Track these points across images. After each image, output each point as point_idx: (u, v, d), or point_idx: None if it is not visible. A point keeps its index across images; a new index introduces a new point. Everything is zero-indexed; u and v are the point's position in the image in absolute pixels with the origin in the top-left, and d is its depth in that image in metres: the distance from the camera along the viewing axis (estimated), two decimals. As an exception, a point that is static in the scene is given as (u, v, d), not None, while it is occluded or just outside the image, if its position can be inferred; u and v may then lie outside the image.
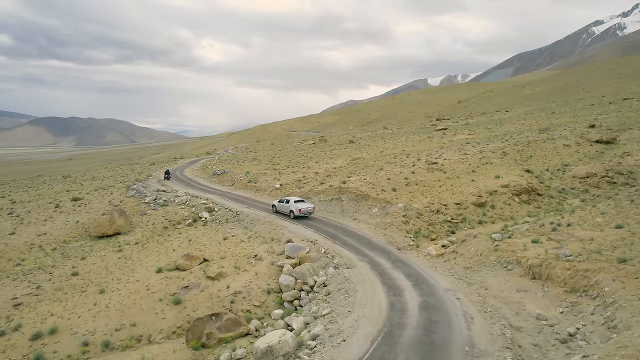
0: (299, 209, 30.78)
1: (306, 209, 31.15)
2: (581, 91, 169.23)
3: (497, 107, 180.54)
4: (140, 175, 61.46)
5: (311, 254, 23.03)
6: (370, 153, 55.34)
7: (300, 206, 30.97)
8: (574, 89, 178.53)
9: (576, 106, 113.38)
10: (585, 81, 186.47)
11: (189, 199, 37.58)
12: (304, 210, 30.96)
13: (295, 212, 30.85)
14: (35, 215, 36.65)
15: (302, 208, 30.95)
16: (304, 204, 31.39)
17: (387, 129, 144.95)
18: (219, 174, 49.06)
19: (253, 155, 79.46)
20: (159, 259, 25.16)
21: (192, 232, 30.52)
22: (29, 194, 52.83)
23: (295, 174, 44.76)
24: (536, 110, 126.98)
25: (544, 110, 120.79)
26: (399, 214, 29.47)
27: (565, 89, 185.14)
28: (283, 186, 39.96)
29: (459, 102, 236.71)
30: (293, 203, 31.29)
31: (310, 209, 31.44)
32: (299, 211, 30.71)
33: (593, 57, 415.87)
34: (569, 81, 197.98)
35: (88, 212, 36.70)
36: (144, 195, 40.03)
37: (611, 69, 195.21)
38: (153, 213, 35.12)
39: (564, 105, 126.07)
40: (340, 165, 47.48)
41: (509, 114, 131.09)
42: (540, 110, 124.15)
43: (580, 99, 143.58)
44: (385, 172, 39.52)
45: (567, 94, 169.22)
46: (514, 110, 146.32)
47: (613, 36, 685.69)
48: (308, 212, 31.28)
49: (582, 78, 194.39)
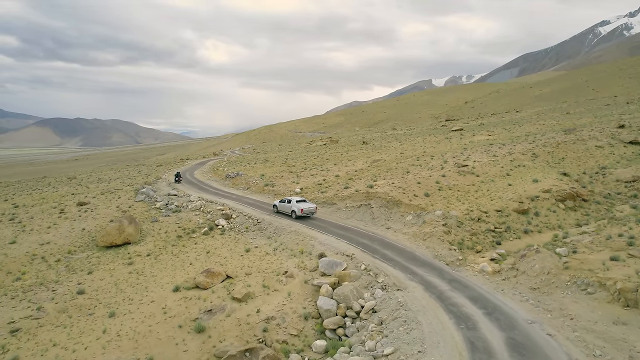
0: (301, 209, 29.78)
1: (308, 209, 30.17)
2: (591, 91, 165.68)
3: (506, 107, 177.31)
4: (148, 177, 58.55)
5: (350, 271, 19.94)
6: (389, 155, 52.24)
7: (302, 206, 29.95)
8: (583, 89, 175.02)
9: (591, 106, 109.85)
10: (595, 81, 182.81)
11: (204, 204, 34.50)
12: (306, 210, 29.96)
13: (297, 212, 29.84)
14: (39, 222, 33.72)
15: (305, 208, 29.93)
16: (306, 204, 30.40)
17: (395, 129, 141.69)
18: (232, 176, 46.02)
19: (264, 157, 76.45)
20: (175, 275, 22.16)
21: (210, 242, 27.48)
22: (32, 197, 50.00)
23: (315, 177, 41.69)
24: (547, 110, 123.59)
25: (555, 110, 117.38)
26: (439, 222, 26.38)
27: (574, 89, 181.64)
28: (303, 190, 36.91)
29: (465, 102, 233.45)
30: (295, 203, 30.32)
31: (312, 209, 30.46)
32: (301, 211, 29.73)
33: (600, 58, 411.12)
34: (578, 81, 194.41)
35: (95, 219, 33.74)
36: (155, 199, 37.02)
37: (621, 69, 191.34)
38: (165, 220, 32.10)
39: (576, 105, 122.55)
40: (360, 167, 44.39)
41: (519, 114, 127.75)
42: (552, 110, 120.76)
43: (591, 99, 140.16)
44: (413, 175, 36.44)
45: (577, 95, 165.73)
46: (524, 110, 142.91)
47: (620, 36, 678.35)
48: (310, 212, 30.31)
49: (591, 78, 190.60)
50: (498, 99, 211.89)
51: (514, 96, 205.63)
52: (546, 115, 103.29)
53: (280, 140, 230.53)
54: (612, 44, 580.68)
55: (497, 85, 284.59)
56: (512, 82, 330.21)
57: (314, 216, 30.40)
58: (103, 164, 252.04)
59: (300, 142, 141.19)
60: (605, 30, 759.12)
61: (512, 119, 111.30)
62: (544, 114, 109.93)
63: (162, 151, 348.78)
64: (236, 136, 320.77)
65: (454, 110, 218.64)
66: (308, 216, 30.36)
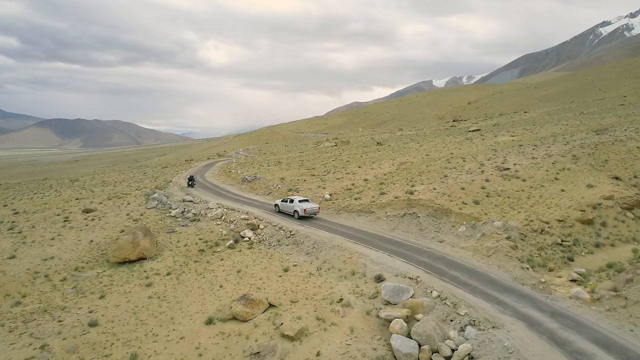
0: (304, 209, 29.14)
1: (311, 209, 29.52)
2: (597, 91, 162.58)
3: (512, 108, 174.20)
4: (156, 180, 54.77)
5: (422, 300, 16.25)
6: (414, 156, 48.56)
7: (305, 206, 29.31)
8: (589, 89, 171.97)
9: (603, 106, 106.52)
10: (601, 82, 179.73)
11: (225, 212, 30.69)
12: (309, 210, 29.31)
13: (300, 212, 29.26)
14: (41, 232, 29.94)
15: (307, 208, 29.28)
16: (308, 204, 29.78)
17: (402, 130, 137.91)
18: (249, 180, 42.21)
19: (274, 158, 72.67)
20: (204, 301, 18.46)
21: (238, 258, 23.76)
22: (33, 202, 46.20)
23: (341, 181, 38.00)
24: (556, 111, 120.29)
25: (565, 110, 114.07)
26: (501, 235, 22.75)
27: (580, 89, 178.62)
28: (333, 196, 33.19)
29: (468, 103, 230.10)
30: (297, 203, 29.70)
31: (315, 209, 29.83)
32: (304, 211, 29.08)
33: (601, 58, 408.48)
34: (583, 82, 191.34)
35: (104, 229, 29.97)
36: (169, 206, 33.23)
37: (626, 69, 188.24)
38: (183, 230, 28.32)
39: (585, 106, 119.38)
40: (389, 170, 40.73)
41: (528, 114, 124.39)
42: (561, 110, 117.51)
43: (600, 99, 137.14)
44: (453, 180, 32.79)
45: (584, 95, 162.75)
46: (532, 111, 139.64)
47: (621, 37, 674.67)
48: (313, 212, 29.70)
49: (596, 79, 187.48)
50: (503, 100, 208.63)
51: (518, 96, 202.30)
52: (559, 115, 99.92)
53: (283, 141, 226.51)
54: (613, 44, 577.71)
55: (500, 85, 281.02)
56: (514, 82, 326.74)
57: (353, 227, 26.82)
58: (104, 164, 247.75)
59: (306, 143, 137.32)
60: (606, 30, 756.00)
61: (522, 119, 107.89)
62: (555, 114, 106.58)
63: (163, 152, 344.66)
64: (237, 137, 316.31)
65: (457, 110, 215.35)
66: (311, 216, 29.54)
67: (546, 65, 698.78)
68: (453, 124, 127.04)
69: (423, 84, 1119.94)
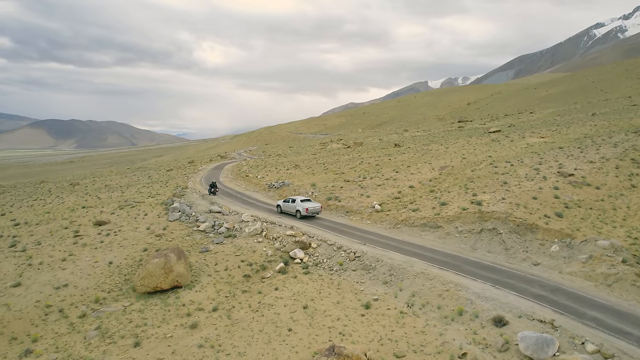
0: (306, 208, 29.32)
1: (313, 209, 29.75)
2: (599, 92, 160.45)
3: (515, 108, 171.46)
4: (167, 185, 50.05)
5: (580, 357, 11.98)
6: (451, 160, 44.36)
7: (307, 205, 29.48)
8: (591, 90, 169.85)
9: (614, 107, 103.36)
10: (602, 82, 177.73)
11: (264, 226, 26.17)
12: (311, 209, 29.52)
13: (302, 211, 29.43)
14: (49, 250, 25.25)
15: (309, 207, 29.47)
16: (310, 203, 29.97)
17: (408, 130, 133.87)
18: (277, 186, 37.62)
19: (288, 161, 68.13)
20: (276, 354, 14.05)
21: (295, 286, 19.34)
22: (35, 210, 41.36)
23: (383, 188, 33.67)
24: (562, 111, 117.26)
25: (571, 111, 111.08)
26: (613, 258, 18.62)
27: (582, 90, 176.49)
28: (384, 207, 28.77)
29: (468, 104, 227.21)
30: (299, 202, 29.86)
31: (317, 208, 30.05)
32: (305, 210, 29.27)
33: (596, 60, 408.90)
34: (584, 82, 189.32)
35: (122, 247, 25.34)
36: (195, 218, 28.57)
37: (627, 70, 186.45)
38: (219, 249, 23.78)
39: (590, 107, 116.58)
40: (431, 176, 36.52)
41: (534, 115, 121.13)
42: (568, 111, 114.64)
43: (604, 100, 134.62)
44: (516, 187, 28.64)
45: (585, 96, 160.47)
46: (538, 111, 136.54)
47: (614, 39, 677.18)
48: (315, 211, 29.96)
49: (597, 79, 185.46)
50: (503, 100, 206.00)
51: (519, 97, 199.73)
52: (569, 116, 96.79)
53: (282, 142, 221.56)
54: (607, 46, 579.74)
55: (499, 86, 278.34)
56: (512, 83, 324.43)
57: (425, 246, 22.56)
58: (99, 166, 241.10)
59: (311, 144, 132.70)
60: (599, 32, 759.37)
61: (531, 120, 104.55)
62: (563, 114, 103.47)
63: (159, 153, 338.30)
64: (235, 138, 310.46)
65: (458, 111, 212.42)
66: (313, 216, 29.75)
67: (541, 66, 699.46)
68: (461, 125, 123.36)
69: (418, 84, 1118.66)
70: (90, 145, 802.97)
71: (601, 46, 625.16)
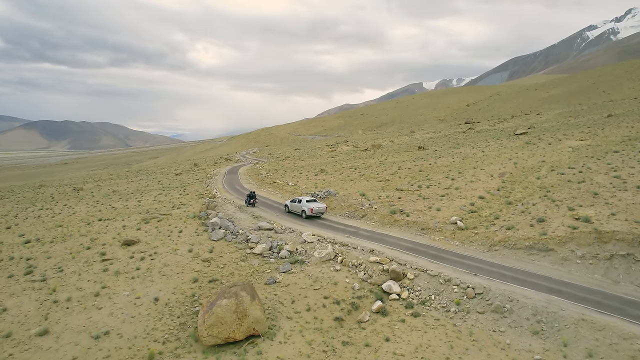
0: (311, 208, 29.50)
1: (318, 209, 29.89)
2: (602, 94, 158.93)
3: (517, 109, 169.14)
4: (185, 192, 45.16)
5: None
6: (503, 165, 40.06)
7: (312, 206, 29.69)
8: (593, 91, 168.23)
9: (629, 107, 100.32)
10: (603, 84, 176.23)
11: (338, 249, 21.49)
12: (315, 210, 29.66)
13: (307, 211, 29.62)
14: (75, 280, 20.37)
15: (314, 208, 29.64)
16: (315, 204, 30.13)
17: (414, 132, 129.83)
18: (322, 197, 32.93)
19: (310, 164, 63.43)
20: None
21: (411, 336, 14.78)
22: (44, 222, 36.36)
23: (449, 199, 29.22)
24: (570, 113, 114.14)
25: (580, 112, 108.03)
26: None
27: (583, 91, 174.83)
28: (468, 224, 24.29)
29: (467, 105, 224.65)
30: (305, 203, 30.11)
31: (322, 208, 30.13)
32: (310, 210, 29.42)
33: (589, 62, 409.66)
34: (585, 84, 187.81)
35: (165, 275, 20.54)
36: (245, 237, 23.71)
37: (627, 71, 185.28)
38: (290, 281, 19.06)
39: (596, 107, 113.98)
40: (495, 184, 32.19)
41: (542, 117, 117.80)
42: (576, 112, 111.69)
43: (609, 101, 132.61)
44: (615, 198, 24.46)
45: (588, 97, 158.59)
46: (544, 113, 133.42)
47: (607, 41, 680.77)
48: (320, 212, 30.04)
49: (598, 81, 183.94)
50: (504, 101, 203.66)
51: (520, 98, 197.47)
52: (584, 117, 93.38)
53: (282, 143, 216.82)
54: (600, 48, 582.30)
55: (497, 87, 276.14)
56: (509, 84, 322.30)
57: (552, 278, 18.04)
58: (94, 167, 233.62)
59: (316, 146, 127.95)
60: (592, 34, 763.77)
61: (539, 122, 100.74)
62: (575, 115, 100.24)
63: (154, 154, 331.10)
64: (232, 139, 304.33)
65: (458, 112, 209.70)
66: (318, 216, 29.84)
67: (535, 67, 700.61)
68: (470, 127, 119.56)
69: (413, 86, 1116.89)
70: (84, 147, 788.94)
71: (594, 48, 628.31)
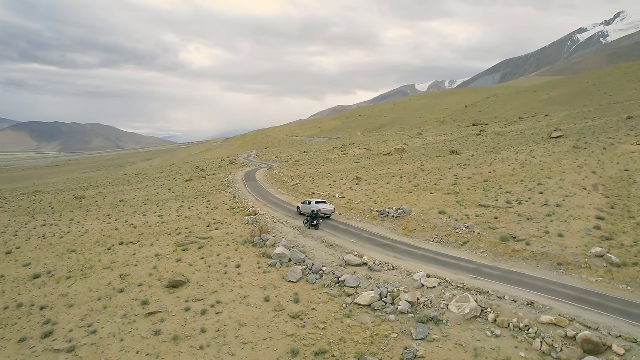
0: (319, 209, 29.50)
1: (326, 210, 30.07)
2: (604, 95, 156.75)
3: (520, 111, 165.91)
4: (210, 204, 38.80)
5: None
6: (579, 175, 34.56)
7: (320, 207, 29.82)
8: (595, 93, 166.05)
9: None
10: (603, 85, 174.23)
11: (485, 302, 15.31)
12: (323, 210, 29.79)
13: (315, 211, 29.06)
14: (116, 352, 14.09)
15: (322, 208, 29.76)
16: (324, 205, 30.39)
17: (422, 134, 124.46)
18: (394, 215, 26.75)
19: (339, 170, 57.35)
20: None
21: None
22: (51, 245, 29.80)
23: (560, 219, 23.38)
24: (579, 114, 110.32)
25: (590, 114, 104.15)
26: None
27: (585, 93, 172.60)
28: (618, 255, 18.48)
29: (465, 106, 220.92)
30: (314, 204, 30.31)
31: (330, 209, 30.39)
32: (318, 211, 29.27)
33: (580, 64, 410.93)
34: (585, 85, 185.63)
35: (249, 344, 14.31)
36: (336, 278, 17.48)
37: (626, 73, 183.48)
38: (437, 355, 13.08)
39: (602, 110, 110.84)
40: (600, 201, 26.58)
41: (552, 119, 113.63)
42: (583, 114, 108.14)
43: (615, 103, 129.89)
44: None
45: (591, 99, 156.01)
46: (552, 115, 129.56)
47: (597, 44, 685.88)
48: (328, 212, 30.22)
49: (597, 83, 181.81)
50: (503, 103, 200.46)
51: (520, 100, 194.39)
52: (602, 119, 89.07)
53: (281, 145, 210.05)
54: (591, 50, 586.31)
55: (493, 89, 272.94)
56: (505, 86, 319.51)
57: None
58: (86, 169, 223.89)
59: (323, 149, 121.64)
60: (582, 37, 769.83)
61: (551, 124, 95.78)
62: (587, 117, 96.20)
63: (147, 156, 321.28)
64: (227, 141, 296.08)
65: (457, 114, 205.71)
66: (328, 217, 30.17)
67: (527, 70, 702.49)
68: (482, 129, 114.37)
69: (406, 87, 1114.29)
70: (75, 148, 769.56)
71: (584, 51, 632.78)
